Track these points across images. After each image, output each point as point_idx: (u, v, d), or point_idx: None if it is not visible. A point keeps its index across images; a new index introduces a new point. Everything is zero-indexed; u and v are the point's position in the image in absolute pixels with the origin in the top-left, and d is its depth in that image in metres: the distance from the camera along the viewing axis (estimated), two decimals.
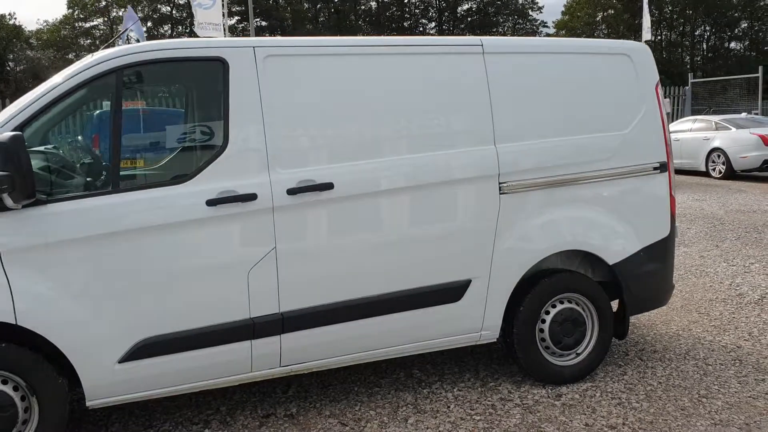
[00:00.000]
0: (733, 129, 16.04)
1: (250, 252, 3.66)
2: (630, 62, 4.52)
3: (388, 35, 53.12)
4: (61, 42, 50.21)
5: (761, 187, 14.52)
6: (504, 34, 56.49)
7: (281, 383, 4.49)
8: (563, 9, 61.42)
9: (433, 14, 54.14)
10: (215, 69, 3.67)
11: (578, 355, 4.44)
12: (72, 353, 3.40)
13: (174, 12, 51.15)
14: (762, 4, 61.80)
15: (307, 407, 4.18)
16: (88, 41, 50.61)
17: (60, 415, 3.45)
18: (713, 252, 8.31)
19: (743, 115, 17.89)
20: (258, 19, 48.50)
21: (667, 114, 17.82)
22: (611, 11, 60.97)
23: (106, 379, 3.49)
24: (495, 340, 4.33)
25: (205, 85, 3.76)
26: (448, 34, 54.94)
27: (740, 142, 15.57)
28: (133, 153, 3.67)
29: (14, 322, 3.30)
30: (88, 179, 3.71)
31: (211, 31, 18.24)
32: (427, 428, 3.88)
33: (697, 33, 61.96)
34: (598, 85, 4.43)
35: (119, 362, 3.49)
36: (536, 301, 4.28)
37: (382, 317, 3.95)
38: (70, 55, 47.19)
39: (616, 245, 4.42)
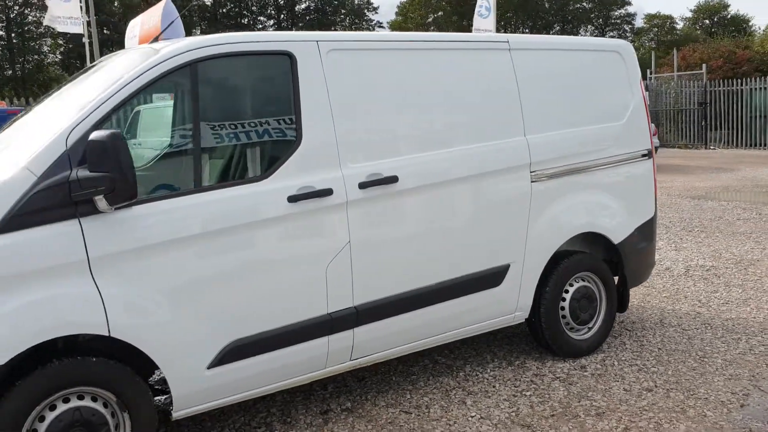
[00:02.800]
0: None
1: (328, 247, 3.65)
2: (621, 59, 4.95)
3: (225, 32, 51.72)
4: None
5: None
6: None
7: (317, 382, 4.46)
8: (397, 10, 63.33)
9: (272, 12, 53.66)
10: (283, 63, 3.61)
11: (590, 329, 4.81)
12: (164, 363, 3.22)
13: None
14: (571, 8, 67.56)
15: (360, 400, 4.21)
16: None
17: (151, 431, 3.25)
18: None
19: None
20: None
21: None
22: (441, 13, 63.73)
23: (195, 387, 3.34)
24: (524, 320, 4.59)
25: (274, 80, 3.67)
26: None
27: None
28: (213, 150, 3.51)
29: (107, 334, 3.07)
30: (171, 178, 3.49)
31: (69, 26, 17.07)
32: (488, 407, 4.06)
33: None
34: (600, 79, 4.82)
35: (208, 368, 3.35)
36: (559, 281, 4.59)
37: (438, 305, 4.07)
38: None
39: (619, 226, 4.83)
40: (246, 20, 53.50)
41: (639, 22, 71.36)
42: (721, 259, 7.61)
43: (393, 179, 3.81)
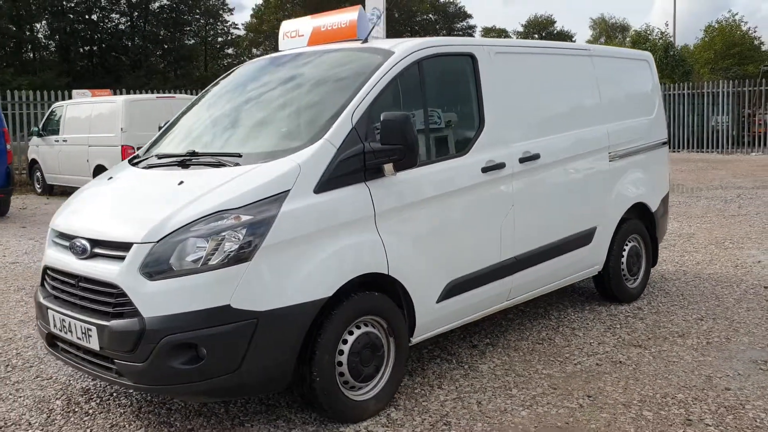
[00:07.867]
0: None
1: (501, 209, 4.60)
2: (648, 65, 6.29)
3: (72, 27, 49.46)
4: None
5: None
6: (197, 34, 56.40)
7: None
8: (252, 12, 63.32)
9: (125, 8, 51.68)
10: (467, 63, 4.53)
11: (636, 280, 6.08)
12: (416, 297, 4.04)
13: None
14: (419, 20, 70.99)
15: (494, 337, 5.16)
16: None
17: (406, 354, 4.05)
18: None
19: None
20: None
21: None
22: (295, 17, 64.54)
23: (429, 318, 4.18)
24: (597, 272, 5.76)
25: (463, 76, 4.56)
26: (139, 30, 53.09)
27: None
28: (433, 130, 4.35)
29: (387, 273, 3.85)
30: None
31: None
32: (597, 335, 5.16)
33: None
34: (638, 81, 6.15)
35: (437, 302, 4.20)
36: (621, 241, 5.81)
37: (558, 258, 5.13)
38: None
39: (653, 197, 6.16)
40: (95, 16, 51.25)
41: (477, 35, 76.31)
42: None
43: (537, 156, 4.83)
